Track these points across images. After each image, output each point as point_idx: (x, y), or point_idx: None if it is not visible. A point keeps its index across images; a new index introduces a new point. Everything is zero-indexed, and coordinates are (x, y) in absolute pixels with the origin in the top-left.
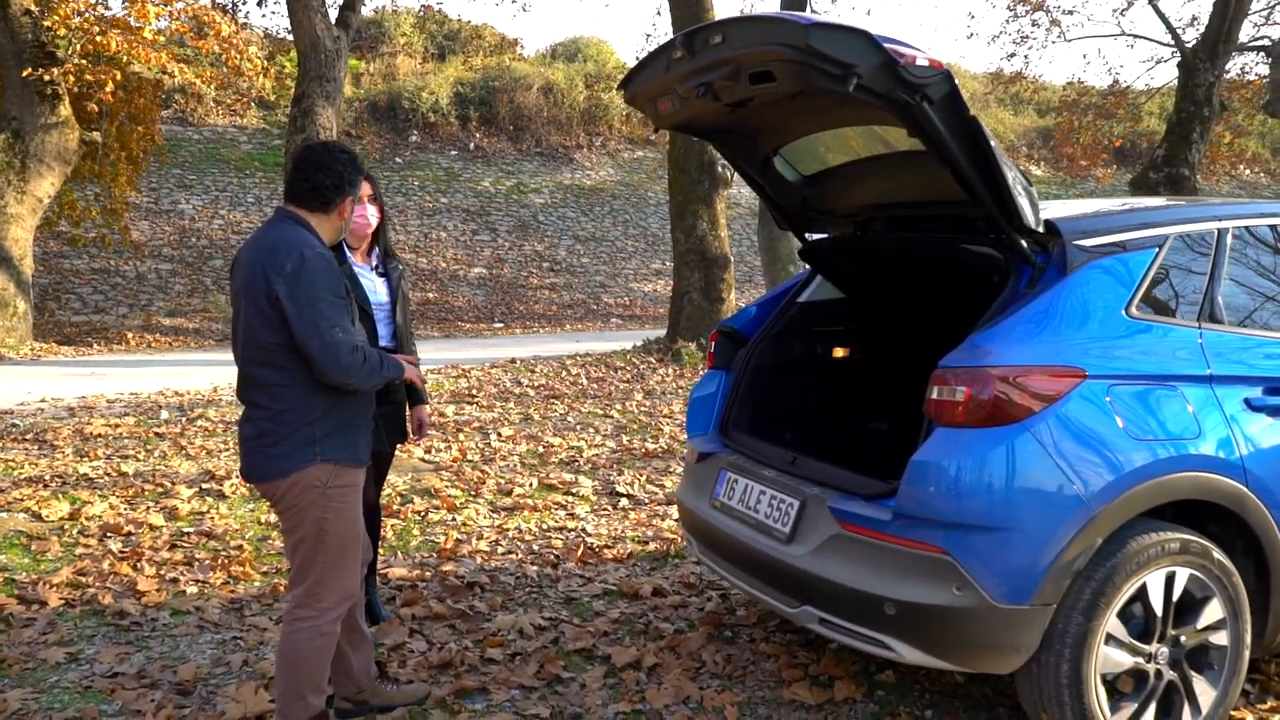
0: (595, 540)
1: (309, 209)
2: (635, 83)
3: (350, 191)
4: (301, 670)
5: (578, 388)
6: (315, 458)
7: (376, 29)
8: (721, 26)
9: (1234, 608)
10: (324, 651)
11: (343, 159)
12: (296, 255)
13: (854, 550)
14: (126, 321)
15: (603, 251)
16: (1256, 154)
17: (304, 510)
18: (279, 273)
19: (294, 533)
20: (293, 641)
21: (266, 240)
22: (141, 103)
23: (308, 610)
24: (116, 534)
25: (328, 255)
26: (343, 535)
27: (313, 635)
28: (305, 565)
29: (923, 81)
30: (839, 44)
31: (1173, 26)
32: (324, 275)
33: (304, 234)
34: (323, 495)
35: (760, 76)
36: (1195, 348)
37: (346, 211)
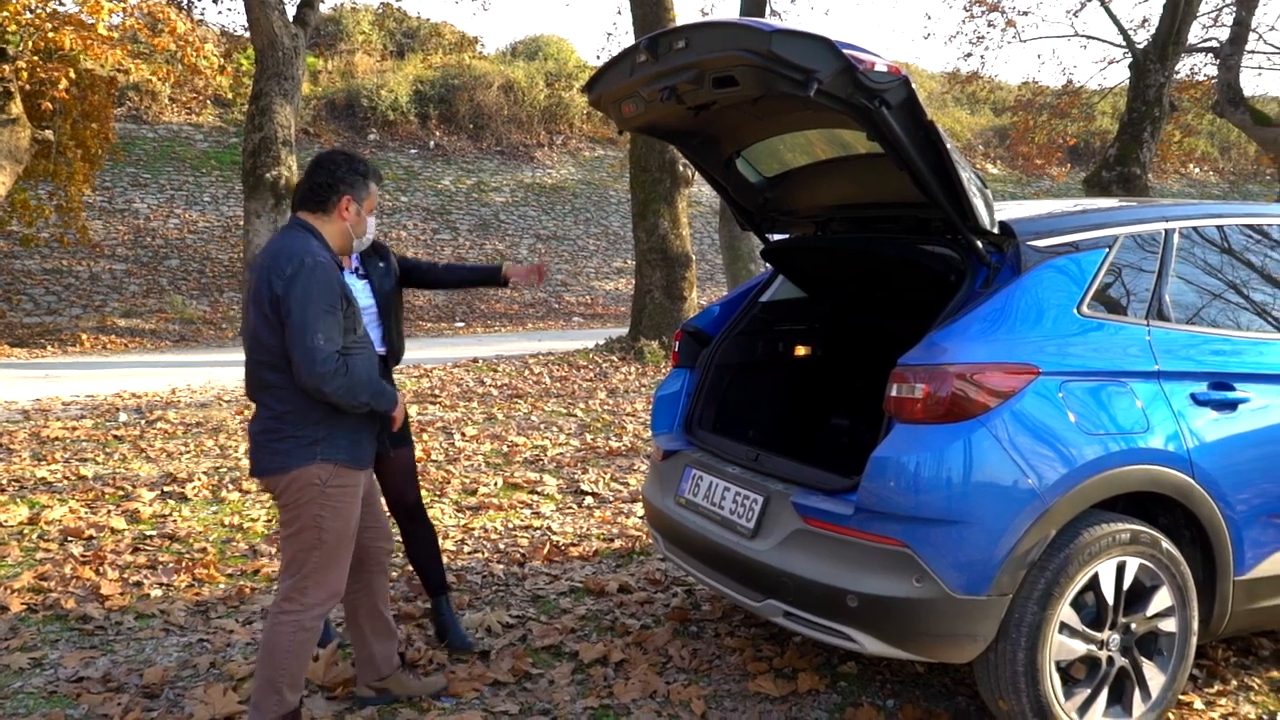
0: (561, 538)
1: (310, 212)
2: (600, 85)
3: (346, 190)
4: (279, 663)
5: (541, 387)
6: (316, 457)
7: (335, 26)
8: (685, 31)
9: (1182, 596)
10: (305, 647)
11: (338, 159)
12: (297, 261)
13: (817, 545)
14: (81, 323)
15: (564, 250)
16: (1206, 153)
17: (302, 507)
18: (280, 277)
19: (290, 526)
20: (274, 634)
21: (274, 246)
22: (96, 100)
23: (293, 605)
24: (78, 538)
25: (329, 264)
26: (338, 534)
27: (295, 630)
28: (297, 560)
29: (881, 87)
30: (800, 50)
31: (1124, 28)
32: (319, 283)
33: (310, 242)
34: (321, 493)
35: (723, 81)
36: (1144, 345)
37: (347, 212)
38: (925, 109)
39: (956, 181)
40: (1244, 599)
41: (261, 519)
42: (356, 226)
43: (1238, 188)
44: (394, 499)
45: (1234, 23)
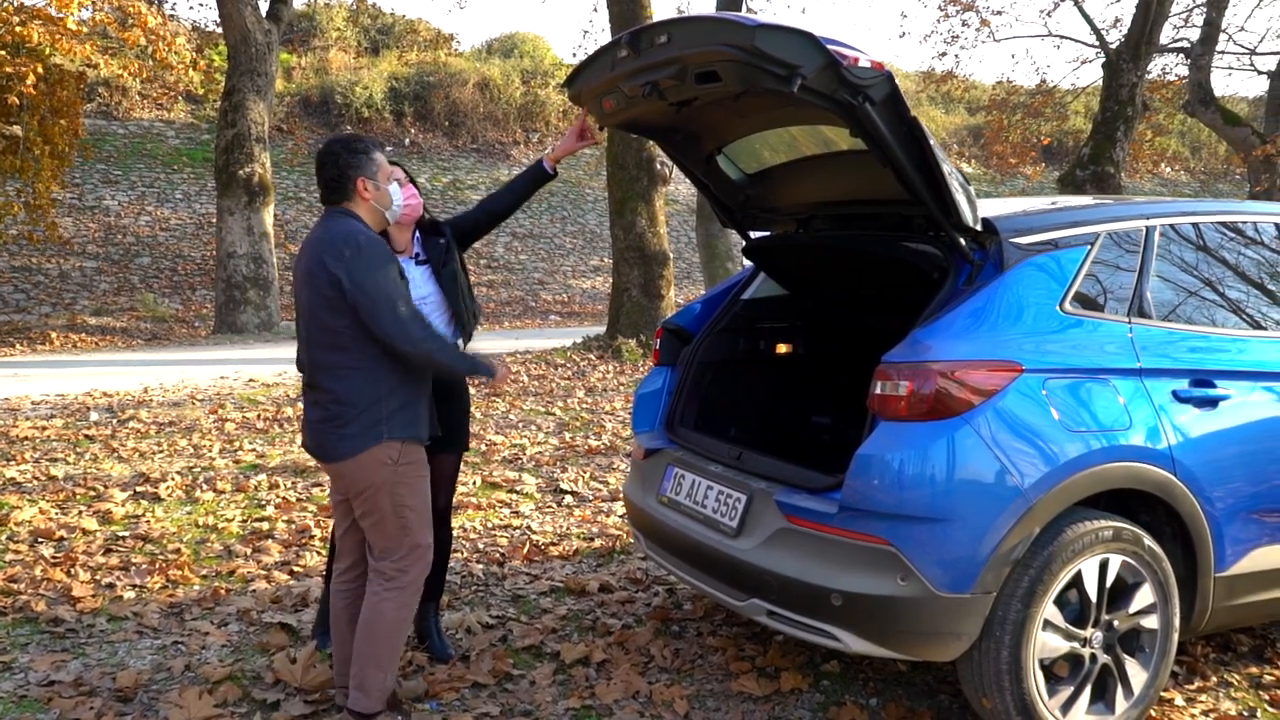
0: (541, 538)
1: (336, 203)
2: (580, 80)
3: (356, 173)
4: (384, 640)
5: (518, 385)
6: (383, 436)
7: (308, 22)
8: (667, 26)
9: (1164, 592)
10: (406, 623)
11: (336, 149)
12: (354, 242)
13: (800, 543)
14: (50, 321)
15: (541, 248)
16: (1177, 152)
17: (379, 489)
18: (340, 259)
19: (372, 514)
20: (379, 611)
21: (323, 233)
22: (64, 96)
23: (395, 581)
24: (48, 539)
25: (381, 241)
26: (419, 508)
27: (398, 606)
28: (392, 539)
29: (865, 83)
30: (784, 45)
31: (1097, 28)
32: (381, 257)
33: (355, 224)
34: (394, 472)
35: (706, 76)
36: (1125, 342)
37: (367, 192)
38: (908, 105)
39: (940, 178)
40: (1224, 595)
41: (236, 519)
42: (381, 200)
43: (1208, 187)
44: None
45: (1204, 23)
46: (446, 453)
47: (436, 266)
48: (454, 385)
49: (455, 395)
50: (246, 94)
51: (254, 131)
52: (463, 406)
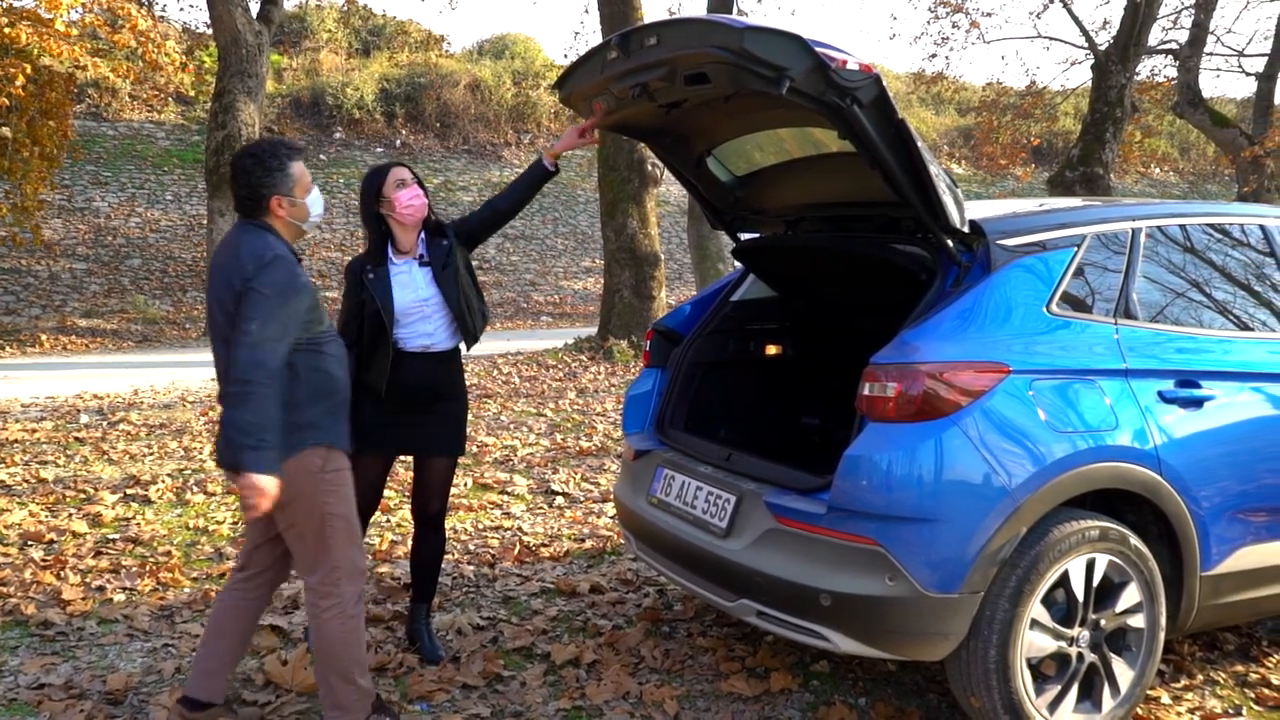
0: (532, 539)
1: (250, 216)
2: (570, 82)
3: (269, 191)
4: (342, 656)
5: (510, 386)
6: (306, 442)
7: (299, 24)
8: (657, 28)
9: (1150, 591)
10: (356, 632)
11: (247, 165)
12: (258, 255)
13: (790, 544)
14: (40, 323)
15: (532, 250)
16: (1166, 154)
17: (305, 498)
18: (242, 274)
19: (297, 524)
20: (325, 631)
21: (234, 251)
22: (53, 97)
23: (329, 598)
24: (38, 542)
25: (290, 259)
26: (347, 516)
27: (342, 620)
28: (317, 553)
29: (853, 85)
30: (772, 47)
31: (1086, 30)
32: (278, 278)
33: (266, 236)
34: (321, 479)
35: (695, 78)
36: (1112, 343)
37: (281, 209)
38: (897, 107)
39: (927, 180)
40: (1210, 594)
41: (227, 521)
42: (299, 215)
43: (1197, 188)
44: (419, 503)
45: (1193, 25)
46: (440, 457)
47: (438, 268)
48: (451, 388)
49: (451, 398)
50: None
51: (245, 133)
52: (458, 411)
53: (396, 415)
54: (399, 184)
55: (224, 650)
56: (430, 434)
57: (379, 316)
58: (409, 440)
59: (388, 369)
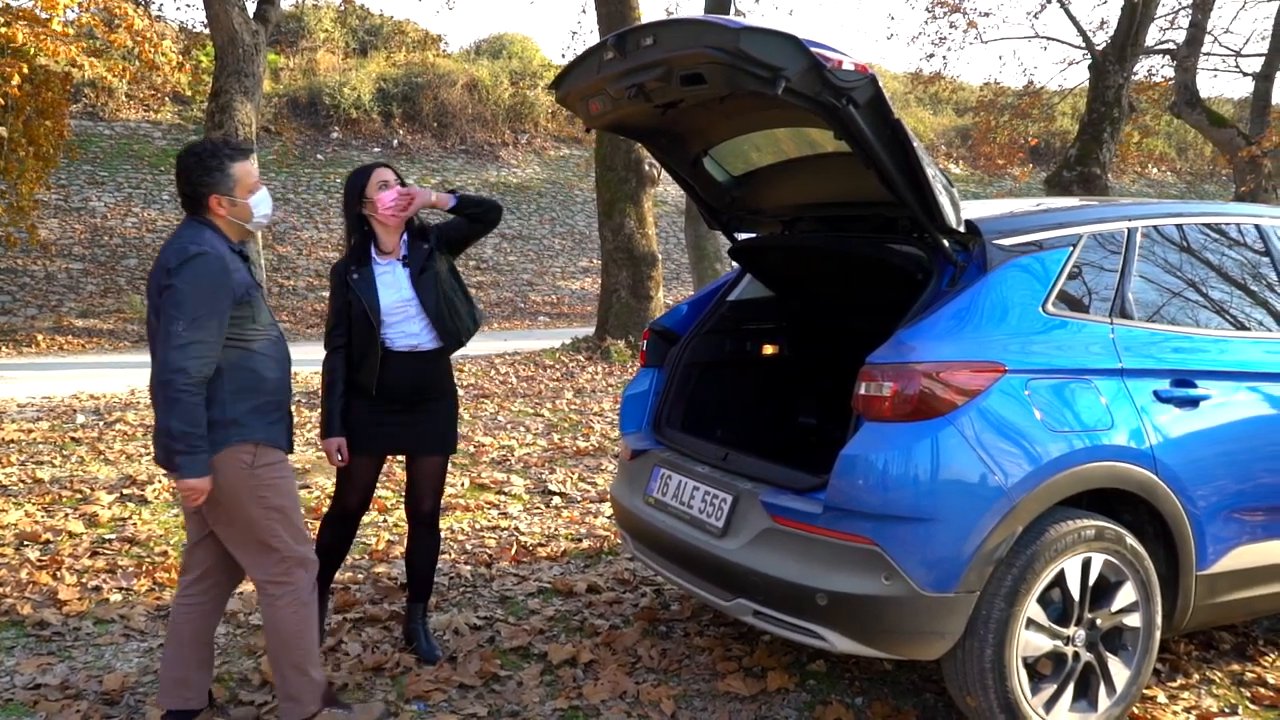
0: (529, 539)
1: (193, 214)
2: (567, 83)
3: (208, 190)
4: (295, 646)
5: (507, 386)
6: (233, 438)
7: (296, 23)
8: (653, 28)
9: (1146, 591)
10: (309, 620)
11: (189, 163)
12: (182, 249)
13: (786, 543)
14: (36, 323)
15: (530, 250)
16: (1164, 153)
17: (239, 493)
18: (167, 268)
19: (234, 522)
20: (280, 621)
21: (169, 243)
22: (49, 97)
23: (280, 587)
24: (34, 542)
25: (216, 255)
26: (285, 509)
27: (295, 608)
28: (260, 549)
29: (848, 85)
30: (768, 48)
31: (1083, 29)
32: (199, 274)
33: (202, 232)
34: (252, 474)
35: (691, 79)
36: (1108, 342)
37: (221, 208)
38: (892, 108)
39: (923, 180)
40: (1206, 594)
41: None
42: (240, 214)
43: (1195, 188)
44: (412, 502)
45: (1190, 25)
46: (431, 456)
47: (415, 271)
48: (439, 386)
49: (441, 397)
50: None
51: (241, 133)
52: (447, 408)
53: (386, 415)
54: (381, 185)
55: (185, 658)
56: (420, 433)
57: (366, 317)
58: (400, 439)
59: (377, 368)
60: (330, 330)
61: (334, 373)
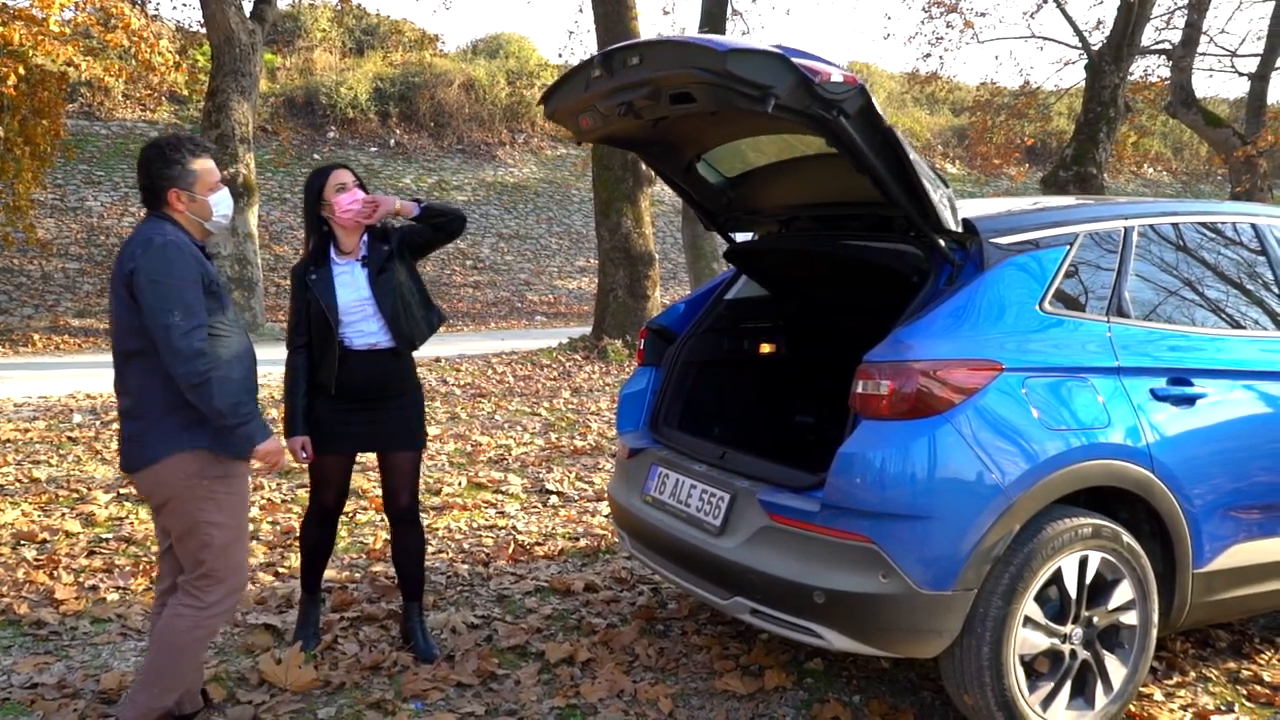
0: (526, 538)
1: (153, 208)
2: (555, 99)
3: (167, 184)
4: (170, 659)
5: (504, 386)
6: (183, 445)
7: (293, 23)
8: (639, 48)
9: (1142, 589)
10: (199, 645)
11: (150, 155)
12: (145, 240)
13: (783, 541)
14: (32, 323)
15: (527, 249)
16: (1160, 153)
17: (180, 504)
18: (132, 258)
19: (174, 530)
20: (171, 627)
21: (131, 236)
22: (45, 96)
23: (194, 601)
24: (31, 541)
25: (181, 243)
26: (227, 527)
27: (192, 625)
28: (193, 562)
29: (838, 97)
30: (756, 67)
31: (1080, 30)
32: (171, 259)
33: (163, 225)
34: (198, 485)
35: (680, 97)
36: (1104, 341)
37: (180, 203)
38: (883, 115)
39: (918, 184)
40: (1202, 592)
41: None
42: (199, 211)
43: (1190, 188)
44: (389, 500)
45: (1186, 25)
46: (400, 452)
47: (374, 272)
48: (400, 384)
49: (402, 393)
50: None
51: (238, 132)
52: (411, 405)
53: (350, 413)
54: (339, 188)
55: None
56: (386, 430)
57: (324, 316)
58: (366, 438)
59: (335, 367)
60: (291, 330)
61: (296, 372)
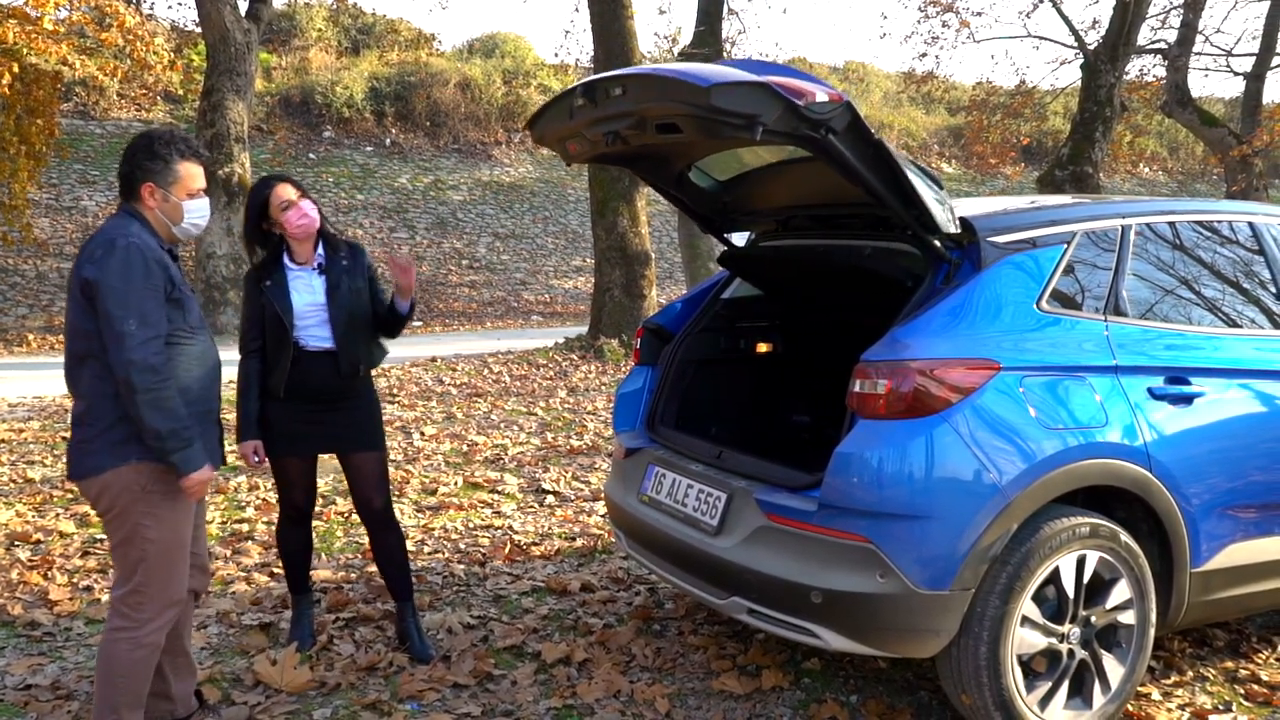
0: (522, 538)
1: (125, 199)
2: (541, 125)
3: (145, 177)
4: (118, 685)
5: (500, 385)
6: (130, 457)
7: (288, 22)
8: (622, 80)
9: (1140, 588)
10: (144, 664)
11: (139, 144)
12: (107, 243)
13: (781, 541)
14: (27, 323)
15: (523, 249)
16: (1155, 153)
17: (122, 514)
18: (90, 260)
19: (113, 537)
20: (110, 653)
21: (97, 232)
22: (40, 95)
23: (127, 620)
24: (25, 542)
25: (145, 244)
26: (165, 542)
27: (131, 647)
28: (126, 573)
29: (825, 116)
30: (741, 99)
31: (1075, 29)
32: (132, 264)
33: (129, 224)
34: (141, 498)
35: (666, 128)
36: (1102, 339)
37: (153, 199)
38: (871, 129)
39: (911, 192)
40: (1200, 591)
41: (215, 521)
42: (170, 213)
43: (1186, 187)
44: (360, 502)
45: (1181, 25)
46: (361, 453)
47: (331, 283)
48: (353, 386)
49: (357, 395)
50: (226, 94)
51: (233, 131)
52: (366, 406)
53: (306, 415)
54: (284, 206)
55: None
56: (343, 432)
57: (280, 321)
58: (325, 440)
59: (288, 370)
60: (244, 335)
61: (248, 377)
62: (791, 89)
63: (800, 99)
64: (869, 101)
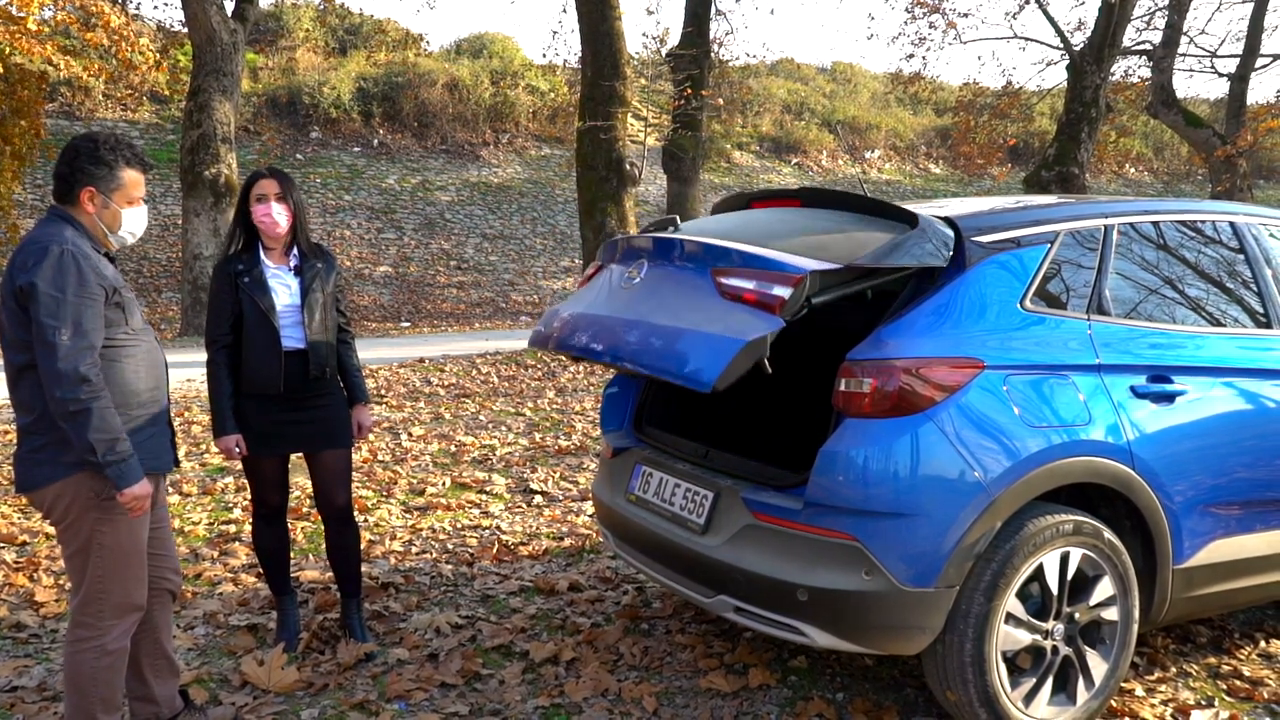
0: (510, 538)
1: (60, 201)
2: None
3: (86, 181)
4: (89, 693)
5: (488, 386)
6: (83, 465)
7: (275, 22)
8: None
9: (1123, 585)
10: (112, 670)
11: (80, 147)
12: (41, 249)
13: (767, 539)
14: None
15: (511, 249)
16: (1140, 153)
17: (77, 522)
18: (24, 268)
19: (68, 546)
20: (76, 664)
21: (26, 239)
22: (25, 96)
23: (89, 630)
24: (10, 544)
25: (81, 251)
26: (121, 548)
27: (97, 655)
28: (83, 582)
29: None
30: (735, 371)
31: (1062, 30)
32: (68, 271)
33: (63, 229)
34: (95, 505)
35: None
36: (1085, 338)
37: (91, 204)
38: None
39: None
40: (1183, 587)
41: (203, 522)
42: (108, 220)
43: (1171, 187)
44: (323, 499)
45: (1166, 26)
46: (329, 450)
47: (306, 284)
48: (319, 383)
49: (330, 392)
50: (212, 94)
51: (220, 132)
52: (336, 403)
53: (280, 414)
54: (259, 198)
55: (143, 676)
56: (314, 431)
57: (264, 318)
58: (295, 438)
59: (281, 368)
60: (213, 328)
61: (221, 370)
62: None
63: (779, 315)
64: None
